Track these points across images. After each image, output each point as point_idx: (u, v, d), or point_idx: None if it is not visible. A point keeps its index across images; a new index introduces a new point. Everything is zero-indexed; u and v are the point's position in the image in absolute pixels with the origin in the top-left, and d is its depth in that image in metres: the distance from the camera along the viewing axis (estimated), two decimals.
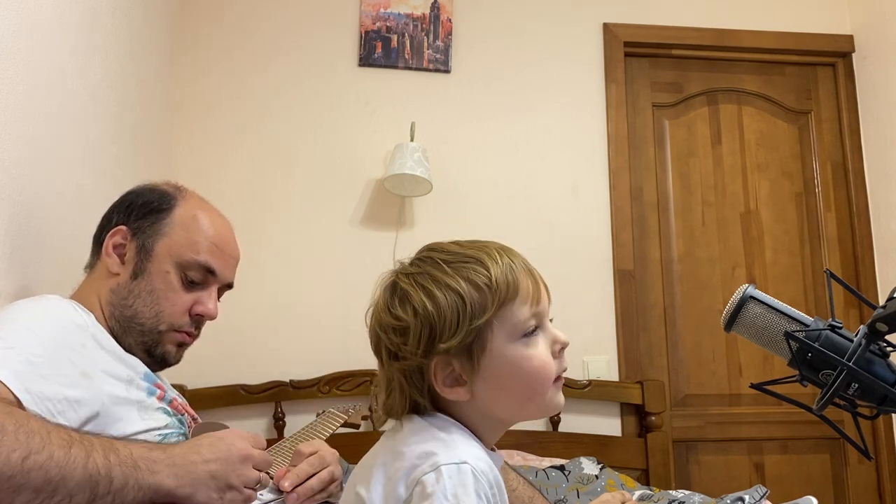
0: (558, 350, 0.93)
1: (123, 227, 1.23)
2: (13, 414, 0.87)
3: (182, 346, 1.26)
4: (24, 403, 0.95)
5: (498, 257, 0.91)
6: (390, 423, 0.95)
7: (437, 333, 0.88)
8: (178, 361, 1.27)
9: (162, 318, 1.20)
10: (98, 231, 1.27)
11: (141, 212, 1.23)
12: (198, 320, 1.25)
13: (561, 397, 0.93)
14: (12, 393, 0.94)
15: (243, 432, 1.08)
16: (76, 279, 1.28)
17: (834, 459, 2.66)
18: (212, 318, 1.26)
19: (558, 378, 0.93)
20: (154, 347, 1.21)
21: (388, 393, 0.93)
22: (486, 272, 0.89)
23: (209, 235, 1.24)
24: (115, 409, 1.08)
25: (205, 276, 1.23)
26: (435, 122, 2.65)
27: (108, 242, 1.22)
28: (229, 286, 1.31)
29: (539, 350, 0.90)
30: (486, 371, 0.89)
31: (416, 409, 0.92)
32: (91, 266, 1.26)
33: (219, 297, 1.30)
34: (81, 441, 0.90)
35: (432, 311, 0.88)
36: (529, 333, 0.90)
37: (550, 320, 0.95)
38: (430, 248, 0.95)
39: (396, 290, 0.92)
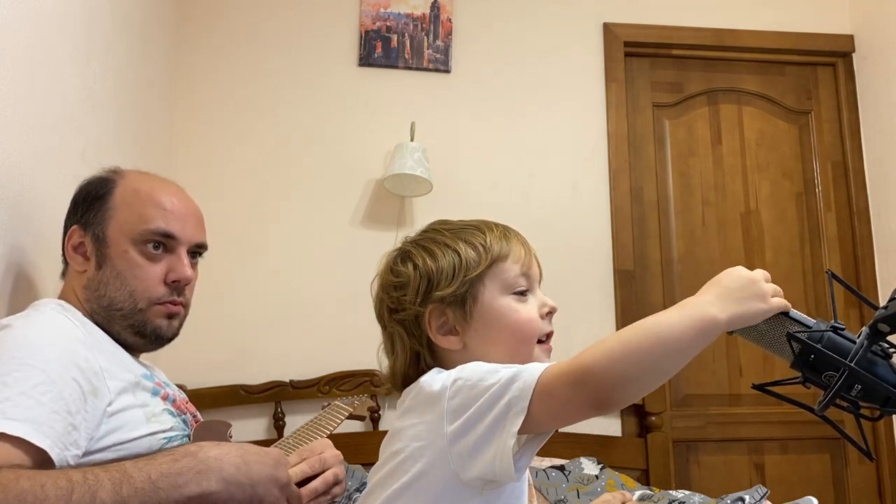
0: (545, 313, 0.99)
1: (75, 226, 1.23)
2: None
3: (172, 317, 1.24)
4: (46, 448, 0.93)
5: (494, 227, 1.02)
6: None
7: (434, 284, 0.96)
8: (174, 335, 1.26)
9: (136, 295, 1.19)
10: (62, 242, 1.27)
11: (85, 205, 1.23)
12: (176, 287, 1.23)
13: (548, 361, 0.98)
14: (34, 446, 0.93)
15: (286, 458, 1.07)
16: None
17: (834, 459, 2.65)
18: (187, 281, 1.24)
19: (545, 341, 0.99)
20: (142, 327, 1.20)
21: (393, 351, 1.00)
22: (482, 235, 0.99)
23: (155, 202, 1.22)
24: (119, 416, 1.07)
25: (166, 242, 1.22)
26: (435, 122, 2.64)
27: (68, 245, 1.23)
28: (201, 246, 1.29)
29: (527, 306, 0.98)
30: (477, 321, 0.96)
31: (418, 363, 0.97)
32: (64, 273, 1.27)
33: (195, 260, 1.28)
34: (85, 481, 0.87)
35: (431, 265, 0.97)
36: (520, 293, 0.98)
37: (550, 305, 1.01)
38: (435, 222, 1.05)
39: (400, 253, 1.03)
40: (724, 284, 0.86)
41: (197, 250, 1.28)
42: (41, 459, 0.94)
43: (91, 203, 1.23)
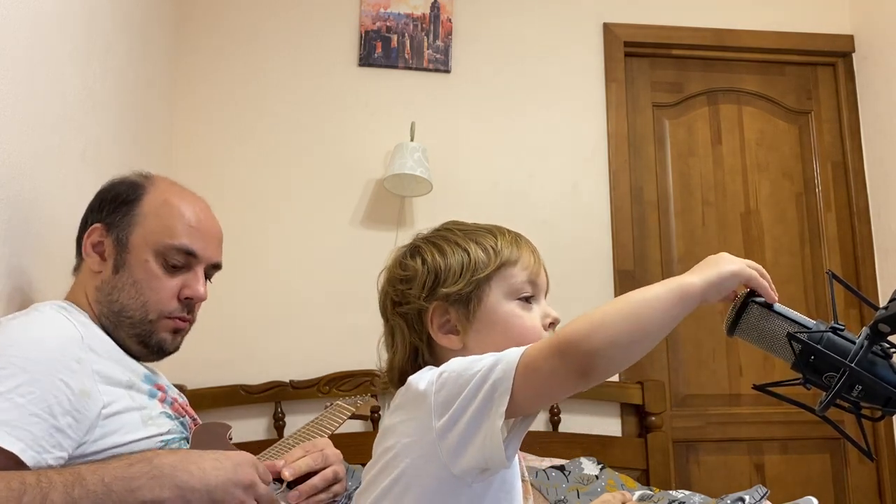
0: (548, 324, 0.99)
1: (98, 225, 1.22)
2: None
3: (178, 332, 1.24)
4: (17, 452, 0.93)
5: (507, 232, 1.03)
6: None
7: (441, 280, 0.97)
8: (175, 349, 1.26)
9: (149, 307, 1.19)
10: (78, 234, 1.26)
11: (112, 206, 1.23)
12: (188, 304, 1.23)
13: None
14: (3, 450, 0.92)
15: (253, 459, 1.06)
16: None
17: (834, 459, 2.65)
18: (200, 299, 1.24)
19: None
20: (148, 338, 1.20)
21: (392, 346, 1.01)
22: (493, 239, 1.01)
23: (184, 218, 1.22)
24: (115, 419, 1.07)
25: (186, 259, 1.22)
26: (435, 122, 2.64)
27: (87, 242, 1.22)
28: (216, 266, 1.29)
29: (531, 315, 0.98)
30: (479, 323, 0.97)
31: (416, 359, 0.98)
32: (77, 269, 1.26)
33: (209, 278, 1.28)
34: (38, 484, 0.87)
35: (440, 261, 0.98)
36: (525, 299, 0.98)
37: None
38: (448, 222, 1.06)
39: (410, 247, 1.04)
40: (698, 265, 0.91)
41: (212, 270, 1.29)
42: (12, 463, 0.93)
43: (119, 205, 1.22)
